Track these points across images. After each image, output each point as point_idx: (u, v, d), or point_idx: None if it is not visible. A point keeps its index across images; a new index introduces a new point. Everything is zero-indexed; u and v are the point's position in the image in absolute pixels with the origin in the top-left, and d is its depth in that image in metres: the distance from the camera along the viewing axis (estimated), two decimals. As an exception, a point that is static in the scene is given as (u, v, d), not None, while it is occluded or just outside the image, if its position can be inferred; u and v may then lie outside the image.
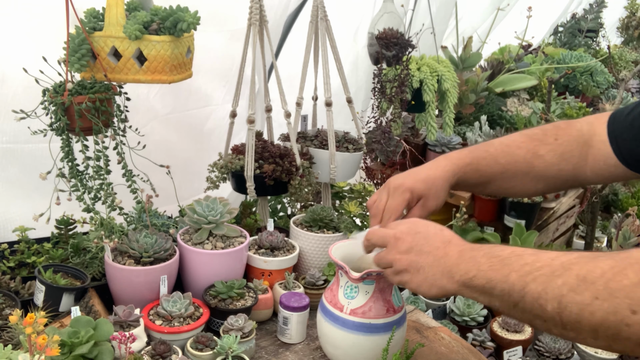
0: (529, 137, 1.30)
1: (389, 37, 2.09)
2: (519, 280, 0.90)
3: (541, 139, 1.28)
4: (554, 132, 1.29)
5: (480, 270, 0.97)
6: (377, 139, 2.17)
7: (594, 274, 0.82)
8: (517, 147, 1.29)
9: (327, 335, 1.40)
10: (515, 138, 1.31)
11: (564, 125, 1.29)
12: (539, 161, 1.27)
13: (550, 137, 1.28)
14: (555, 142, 1.27)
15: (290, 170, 1.87)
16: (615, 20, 5.10)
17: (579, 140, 1.26)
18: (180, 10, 1.60)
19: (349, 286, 1.37)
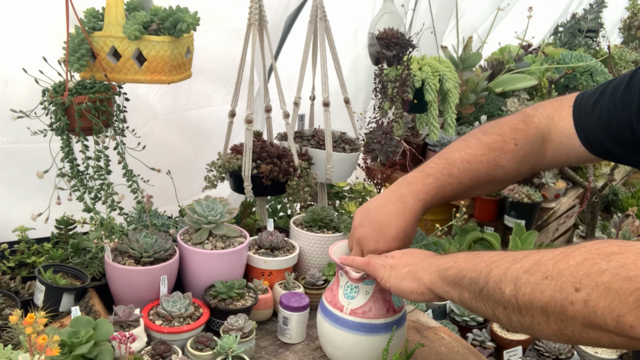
0: (489, 148, 1.25)
1: (389, 37, 2.09)
2: (485, 267, 0.96)
3: (501, 147, 1.25)
4: (512, 135, 1.25)
5: (455, 262, 1.05)
6: (377, 139, 2.17)
7: (547, 257, 0.87)
8: (478, 162, 1.25)
9: (327, 336, 1.40)
10: (476, 150, 1.26)
11: (522, 126, 1.25)
12: (500, 171, 1.26)
13: (510, 143, 1.24)
14: (515, 148, 1.24)
15: (287, 171, 1.87)
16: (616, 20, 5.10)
17: (537, 138, 1.24)
18: (180, 10, 1.61)
19: (349, 286, 1.37)
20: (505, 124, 1.27)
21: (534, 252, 0.91)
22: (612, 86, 1.16)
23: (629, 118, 1.09)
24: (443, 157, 1.28)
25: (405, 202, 1.24)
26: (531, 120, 1.25)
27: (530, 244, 2.23)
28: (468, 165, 1.25)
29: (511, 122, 1.27)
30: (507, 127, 1.26)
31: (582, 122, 1.19)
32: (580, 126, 1.19)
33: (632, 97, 1.10)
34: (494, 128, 1.28)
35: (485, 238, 2.30)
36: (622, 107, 1.11)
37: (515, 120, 1.27)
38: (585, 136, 1.19)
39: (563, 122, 1.22)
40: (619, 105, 1.12)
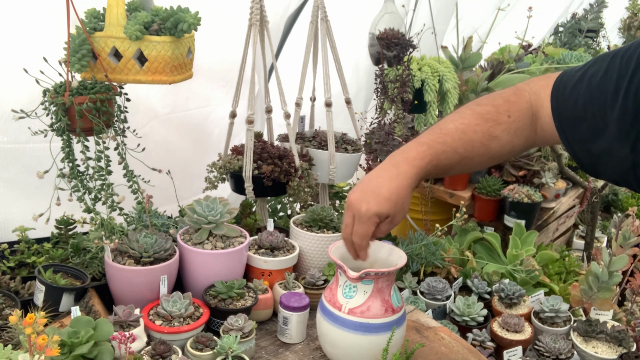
0: (483, 118, 1.25)
1: (390, 37, 2.09)
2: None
3: (495, 119, 1.24)
4: (506, 107, 1.25)
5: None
6: (379, 140, 2.17)
7: None
8: (473, 132, 1.25)
9: (326, 335, 1.40)
10: (470, 120, 1.26)
11: (514, 98, 1.26)
12: (495, 143, 1.25)
13: (503, 114, 1.24)
14: (509, 120, 1.24)
15: (288, 172, 1.87)
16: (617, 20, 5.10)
17: (528, 113, 1.24)
18: (181, 10, 1.61)
19: (348, 285, 1.37)
20: (499, 96, 1.28)
21: None
22: (591, 72, 1.13)
23: (604, 107, 1.07)
24: (437, 127, 1.28)
25: (399, 167, 1.24)
26: (522, 94, 1.26)
27: (530, 244, 2.23)
28: (462, 135, 1.25)
29: (504, 94, 1.28)
30: (501, 100, 1.26)
31: (559, 107, 1.18)
32: (557, 112, 1.18)
33: (608, 85, 1.08)
34: (487, 99, 1.28)
35: (485, 238, 2.30)
36: (599, 94, 1.09)
37: (508, 93, 1.27)
38: (560, 124, 1.18)
39: (547, 100, 1.21)
40: (595, 94, 1.10)
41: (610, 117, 1.06)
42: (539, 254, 2.24)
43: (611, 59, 1.09)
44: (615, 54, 1.09)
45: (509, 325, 1.83)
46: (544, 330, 1.83)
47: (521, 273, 2.07)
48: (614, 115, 1.05)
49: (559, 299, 1.90)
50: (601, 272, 1.84)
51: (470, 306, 1.92)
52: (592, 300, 1.89)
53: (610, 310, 1.88)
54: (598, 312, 1.89)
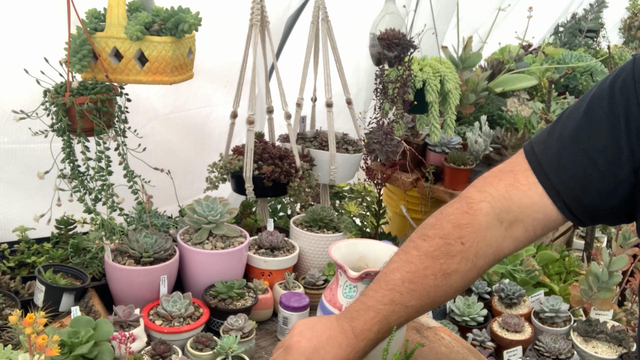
0: (431, 258, 1.07)
1: (390, 37, 2.09)
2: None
3: (446, 252, 1.06)
4: (457, 234, 1.06)
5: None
6: (378, 140, 2.17)
7: None
8: (422, 277, 1.08)
9: None
10: (417, 266, 1.08)
11: (466, 220, 1.07)
12: (454, 277, 1.07)
13: (455, 244, 1.06)
14: (464, 247, 1.06)
15: (289, 172, 1.87)
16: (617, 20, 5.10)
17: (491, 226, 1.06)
18: (182, 11, 1.61)
19: (348, 285, 1.37)
20: (447, 221, 1.09)
21: None
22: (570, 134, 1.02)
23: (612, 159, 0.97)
24: (383, 280, 1.12)
25: (349, 339, 1.11)
26: (478, 208, 1.07)
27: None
28: (411, 285, 1.08)
29: (453, 217, 1.09)
30: (450, 226, 1.08)
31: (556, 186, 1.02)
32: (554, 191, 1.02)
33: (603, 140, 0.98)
34: (434, 229, 1.10)
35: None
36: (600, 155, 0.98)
37: (457, 214, 1.09)
38: (563, 202, 1.02)
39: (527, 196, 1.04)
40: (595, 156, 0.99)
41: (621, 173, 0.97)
42: (539, 254, 2.24)
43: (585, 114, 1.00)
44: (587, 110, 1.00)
45: (509, 325, 1.84)
46: (544, 330, 1.83)
47: (521, 273, 2.07)
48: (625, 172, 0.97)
49: (559, 299, 1.90)
50: (601, 272, 1.84)
51: (470, 306, 1.92)
52: (592, 300, 1.89)
53: (610, 310, 1.88)
54: (598, 312, 1.89)
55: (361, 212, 2.31)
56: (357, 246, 1.43)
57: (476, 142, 2.53)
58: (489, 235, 1.06)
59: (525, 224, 1.06)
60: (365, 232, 2.18)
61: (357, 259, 1.42)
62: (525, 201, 1.04)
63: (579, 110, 1.01)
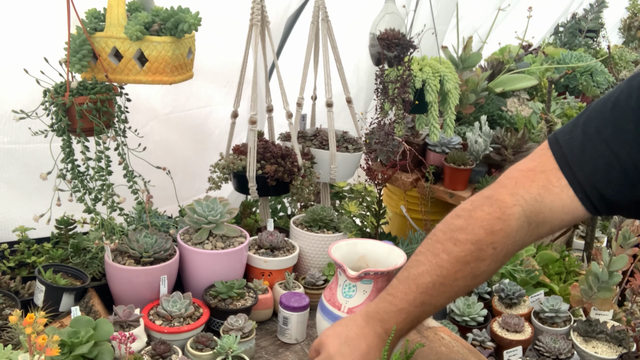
0: (463, 263, 1.09)
1: (390, 37, 2.09)
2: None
3: (477, 257, 1.08)
4: (489, 240, 1.07)
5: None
6: (378, 140, 2.17)
7: None
8: (453, 280, 1.10)
9: None
10: (449, 271, 1.10)
11: (499, 226, 1.07)
12: (481, 277, 1.11)
13: (487, 249, 1.08)
14: (494, 252, 1.08)
15: (292, 171, 1.87)
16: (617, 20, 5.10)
17: (521, 228, 1.08)
18: (182, 11, 1.61)
19: (347, 285, 1.37)
20: (479, 226, 1.09)
21: None
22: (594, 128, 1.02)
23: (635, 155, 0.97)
24: (413, 283, 1.14)
25: (384, 341, 1.16)
26: (511, 212, 1.07)
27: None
28: (442, 288, 1.11)
29: (485, 223, 1.08)
30: (482, 232, 1.08)
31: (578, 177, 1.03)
32: (577, 183, 1.03)
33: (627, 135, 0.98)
34: (464, 234, 1.10)
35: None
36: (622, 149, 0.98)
37: (490, 220, 1.08)
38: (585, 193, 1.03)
39: (559, 199, 1.05)
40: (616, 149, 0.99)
41: None
42: (539, 254, 2.24)
43: (612, 110, 1.01)
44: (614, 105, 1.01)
45: (509, 325, 1.84)
46: (544, 330, 1.83)
47: (521, 273, 2.07)
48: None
49: (559, 299, 1.90)
50: (601, 272, 1.84)
51: (470, 306, 1.92)
52: (592, 300, 1.89)
53: (610, 310, 1.88)
54: (598, 312, 1.89)
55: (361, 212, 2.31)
56: (356, 246, 1.43)
57: (476, 142, 2.53)
58: (518, 237, 1.08)
59: (552, 224, 1.08)
60: (365, 232, 2.18)
61: (357, 258, 1.42)
62: (556, 204, 1.05)
63: (606, 105, 1.02)
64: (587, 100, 3.51)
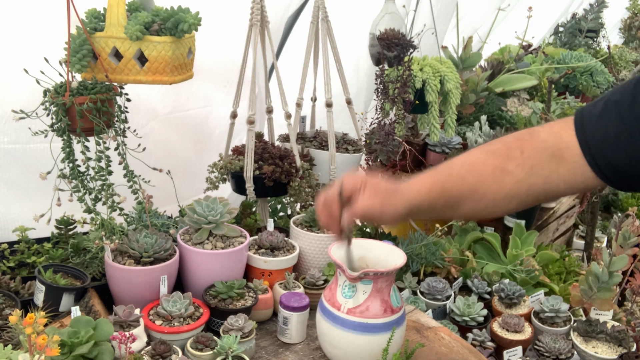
0: (492, 154, 1.20)
1: (390, 37, 2.09)
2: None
3: (506, 154, 1.18)
4: (517, 144, 1.18)
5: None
6: (379, 140, 2.17)
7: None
8: (482, 163, 1.20)
9: (326, 335, 1.40)
10: (478, 155, 1.22)
11: (527, 137, 1.19)
12: (508, 178, 1.18)
13: (515, 149, 1.18)
14: (522, 156, 1.17)
15: (289, 172, 1.87)
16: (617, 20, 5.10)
17: (545, 152, 1.17)
18: (182, 11, 1.61)
19: (347, 285, 1.37)
20: (511, 136, 1.22)
21: None
22: (614, 100, 1.09)
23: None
24: (443, 163, 1.27)
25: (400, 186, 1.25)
26: (537, 133, 1.19)
27: (530, 244, 2.23)
28: (470, 166, 1.21)
29: (516, 134, 1.22)
30: (512, 138, 1.21)
31: (588, 140, 1.12)
32: (587, 145, 1.11)
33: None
34: (498, 139, 1.23)
35: (485, 238, 2.30)
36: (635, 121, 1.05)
37: (521, 133, 1.22)
38: (592, 155, 1.11)
39: (573, 140, 1.14)
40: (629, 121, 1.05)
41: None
42: (539, 254, 2.24)
43: (635, 85, 1.06)
44: (637, 81, 1.06)
45: (509, 325, 1.84)
46: (544, 330, 1.83)
47: (521, 273, 2.07)
48: None
49: (559, 299, 1.90)
50: (601, 272, 1.84)
51: (470, 306, 1.92)
52: (592, 300, 1.89)
53: (610, 310, 1.88)
54: (598, 312, 1.89)
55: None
56: (357, 246, 1.43)
57: (476, 142, 2.53)
58: (542, 157, 1.16)
59: (568, 165, 1.15)
60: (365, 232, 2.18)
61: (357, 258, 1.42)
62: (571, 143, 1.14)
63: (631, 82, 1.07)
64: (587, 100, 3.51)
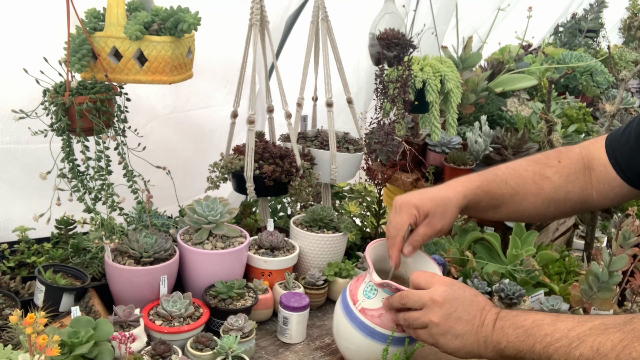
0: (533, 161, 1.33)
1: (390, 37, 2.09)
2: (543, 351, 1.02)
3: (545, 162, 1.31)
4: (555, 155, 1.33)
5: (509, 342, 1.08)
6: (379, 140, 2.17)
7: (606, 346, 0.94)
8: (523, 169, 1.32)
9: (337, 322, 1.41)
10: (521, 162, 1.35)
11: (564, 150, 1.34)
12: (547, 183, 1.30)
13: (553, 159, 1.31)
14: (559, 165, 1.30)
15: (290, 171, 1.87)
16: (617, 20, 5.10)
17: (580, 162, 1.30)
18: (181, 10, 1.61)
19: (370, 286, 1.36)
20: (551, 150, 1.36)
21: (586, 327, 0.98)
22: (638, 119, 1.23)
23: None
24: (489, 168, 1.36)
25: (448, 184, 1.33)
26: (572, 147, 1.34)
27: (530, 244, 2.23)
28: (513, 171, 1.32)
29: (555, 149, 1.37)
30: (552, 151, 1.35)
31: (614, 149, 1.25)
32: (612, 151, 1.25)
33: None
34: (540, 153, 1.38)
35: (485, 238, 2.30)
36: None
37: (558, 147, 1.37)
38: (616, 160, 1.24)
39: (598, 152, 1.27)
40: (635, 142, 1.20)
41: None
42: (539, 254, 2.24)
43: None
44: None
45: (509, 325, 1.83)
46: (544, 331, 1.83)
47: (521, 273, 2.07)
48: None
49: (559, 299, 1.89)
50: (601, 272, 1.84)
51: (470, 306, 1.91)
52: (592, 300, 1.88)
53: (610, 310, 1.87)
54: (598, 312, 1.88)
55: (361, 212, 2.30)
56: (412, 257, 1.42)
57: (476, 142, 2.53)
58: (578, 167, 1.29)
59: (596, 174, 1.27)
60: (365, 232, 2.18)
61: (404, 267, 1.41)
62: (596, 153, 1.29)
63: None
64: (587, 100, 3.51)
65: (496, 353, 1.11)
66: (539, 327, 1.05)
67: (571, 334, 1.00)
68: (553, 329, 1.03)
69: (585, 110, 3.00)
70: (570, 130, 2.76)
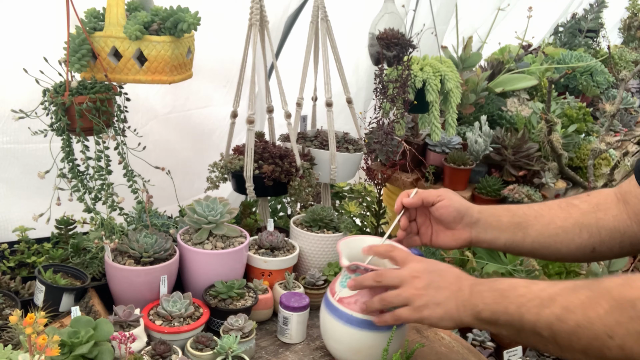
0: (558, 199, 1.34)
1: (389, 37, 2.09)
2: (516, 312, 1.04)
3: (572, 198, 1.32)
4: (584, 194, 1.33)
5: (485, 304, 1.10)
6: (378, 140, 2.17)
7: (574, 304, 0.96)
8: (549, 201, 1.35)
9: (322, 318, 1.43)
10: (547, 202, 1.35)
11: (592, 191, 1.34)
12: (575, 210, 1.28)
13: (582, 195, 1.32)
14: (588, 197, 1.30)
15: (289, 171, 1.87)
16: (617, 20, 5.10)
17: (611, 196, 1.28)
18: (181, 10, 1.61)
19: (345, 275, 1.39)
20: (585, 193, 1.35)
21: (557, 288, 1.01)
22: None
23: None
24: None
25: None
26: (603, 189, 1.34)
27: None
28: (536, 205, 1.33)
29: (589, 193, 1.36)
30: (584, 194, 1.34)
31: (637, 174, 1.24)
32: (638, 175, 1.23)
33: None
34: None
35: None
36: None
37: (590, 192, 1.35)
38: None
39: (629, 186, 1.25)
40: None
41: None
42: (539, 254, 2.24)
43: None
44: None
45: (509, 325, 1.83)
46: (544, 330, 1.83)
47: (521, 273, 2.07)
48: None
49: (559, 299, 1.89)
50: (601, 272, 1.84)
51: (470, 306, 1.91)
52: (592, 300, 1.88)
53: (610, 310, 1.87)
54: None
55: (361, 212, 2.31)
56: (363, 242, 1.43)
57: (476, 142, 2.53)
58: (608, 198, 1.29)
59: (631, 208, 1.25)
60: (365, 232, 2.18)
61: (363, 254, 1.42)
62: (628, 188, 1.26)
63: None
64: (587, 100, 3.51)
65: (473, 317, 1.12)
66: (514, 289, 1.07)
67: (543, 294, 1.01)
68: (527, 290, 1.05)
69: (585, 110, 3.00)
70: (570, 130, 2.77)
